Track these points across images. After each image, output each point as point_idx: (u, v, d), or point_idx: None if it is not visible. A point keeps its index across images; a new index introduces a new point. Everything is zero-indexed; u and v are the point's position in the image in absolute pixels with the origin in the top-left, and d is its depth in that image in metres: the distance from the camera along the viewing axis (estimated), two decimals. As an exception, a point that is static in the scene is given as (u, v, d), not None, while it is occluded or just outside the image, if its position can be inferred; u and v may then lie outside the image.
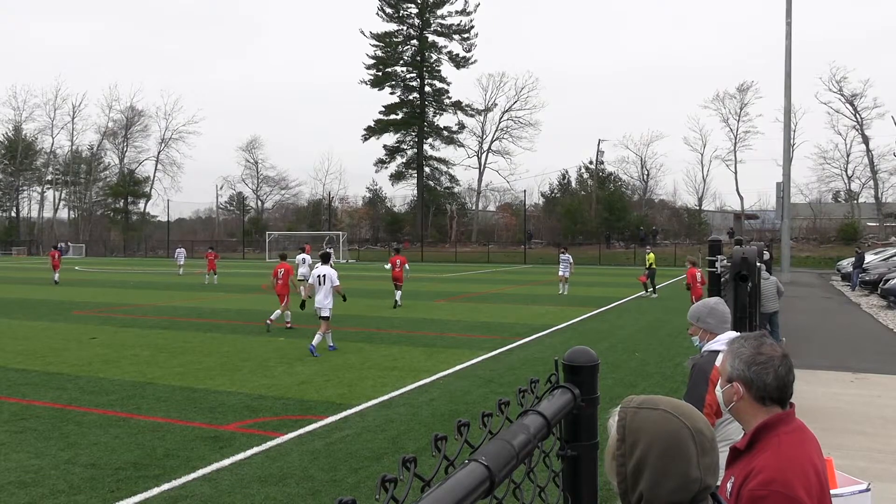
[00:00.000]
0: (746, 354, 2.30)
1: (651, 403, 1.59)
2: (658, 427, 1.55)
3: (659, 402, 1.60)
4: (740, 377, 2.29)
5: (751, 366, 2.27)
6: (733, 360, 2.33)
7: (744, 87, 72.41)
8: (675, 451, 1.52)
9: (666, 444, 1.52)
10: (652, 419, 1.56)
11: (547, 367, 10.49)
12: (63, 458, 6.95)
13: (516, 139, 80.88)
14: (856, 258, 30.56)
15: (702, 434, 1.54)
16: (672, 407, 1.58)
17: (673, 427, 1.54)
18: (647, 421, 1.56)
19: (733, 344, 2.40)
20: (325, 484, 6.28)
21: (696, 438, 1.53)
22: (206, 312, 20.01)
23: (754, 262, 5.53)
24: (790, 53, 34.79)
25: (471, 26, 77.50)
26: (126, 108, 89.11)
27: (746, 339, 2.36)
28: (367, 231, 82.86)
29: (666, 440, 1.52)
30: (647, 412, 1.58)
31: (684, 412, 1.57)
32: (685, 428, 1.53)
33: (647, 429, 1.55)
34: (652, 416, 1.57)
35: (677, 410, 1.57)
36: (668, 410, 1.57)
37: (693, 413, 1.58)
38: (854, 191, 70.68)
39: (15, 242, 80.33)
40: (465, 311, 20.47)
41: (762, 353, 2.28)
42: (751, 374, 2.27)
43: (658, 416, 1.56)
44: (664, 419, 1.55)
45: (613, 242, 66.78)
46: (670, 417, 1.55)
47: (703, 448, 1.53)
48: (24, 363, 12.05)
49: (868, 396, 9.86)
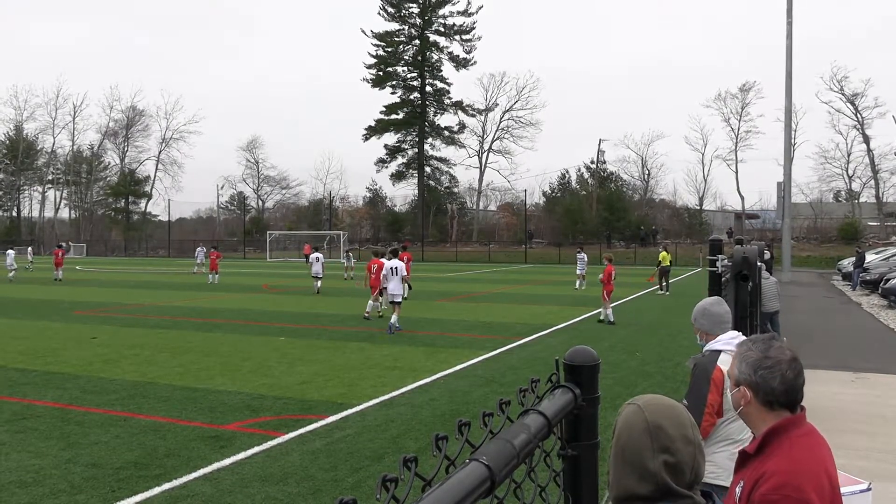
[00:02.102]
0: (753, 358, 2.27)
1: (636, 400, 1.67)
2: (624, 422, 1.63)
3: (643, 399, 1.66)
4: (747, 381, 2.27)
5: (757, 370, 2.24)
6: (740, 364, 2.30)
7: (745, 87, 72.52)
8: (630, 445, 1.59)
9: (624, 437, 1.61)
10: (624, 414, 1.65)
11: (547, 366, 10.48)
12: (64, 458, 6.95)
13: (517, 139, 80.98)
14: (856, 258, 30.54)
15: (661, 430, 1.58)
16: (647, 403, 1.63)
17: (633, 421, 1.61)
18: (621, 416, 1.66)
19: (741, 347, 2.38)
20: (326, 483, 6.28)
21: (654, 433, 1.58)
22: (207, 312, 20.02)
23: (755, 262, 5.52)
24: (791, 53, 34.78)
25: (472, 27, 77.52)
26: (127, 108, 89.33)
27: (755, 343, 2.33)
28: (367, 231, 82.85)
29: (625, 434, 1.61)
30: (627, 408, 1.66)
31: (654, 408, 1.61)
32: (644, 422, 1.60)
33: (619, 423, 1.65)
34: (627, 411, 1.65)
35: (649, 407, 1.62)
36: (640, 406, 1.63)
37: (663, 410, 1.61)
38: (855, 190, 70.75)
39: (16, 242, 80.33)
40: (465, 311, 20.47)
41: (769, 357, 2.25)
42: (757, 379, 2.24)
43: (629, 411, 1.64)
44: (632, 414, 1.63)
45: (614, 242, 66.76)
46: (636, 411, 1.62)
47: (661, 444, 1.56)
48: (24, 363, 12.05)
49: (869, 396, 9.85)
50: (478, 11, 77.83)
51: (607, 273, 18.05)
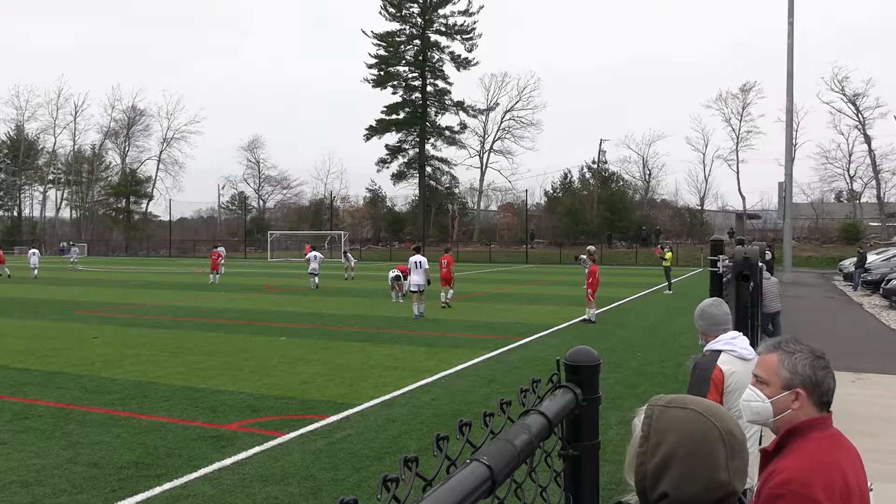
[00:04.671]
0: (807, 358, 2.19)
1: (680, 402, 1.54)
2: (687, 427, 1.49)
3: (688, 401, 1.55)
4: (805, 381, 2.18)
5: (816, 370, 2.18)
6: (794, 366, 2.19)
7: (746, 87, 72.43)
8: (704, 453, 1.46)
9: (694, 444, 1.47)
10: (680, 418, 1.50)
11: (548, 366, 10.48)
12: (65, 458, 6.96)
13: (518, 139, 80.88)
14: (858, 258, 30.49)
15: (732, 436, 1.49)
16: (702, 407, 1.52)
17: (702, 427, 1.48)
18: (675, 420, 1.51)
19: (781, 349, 2.26)
20: (327, 483, 6.28)
21: (727, 440, 1.47)
22: (208, 312, 20.03)
23: (756, 262, 5.52)
24: (792, 53, 34.74)
25: (473, 27, 77.50)
26: (128, 108, 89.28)
27: (796, 343, 2.25)
28: (368, 231, 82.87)
29: (694, 441, 1.47)
30: (675, 411, 1.52)
31: (714, 413, 1.51)
32: (715, 429, 1.48)
33: (675, 428, 1.49)
34: (681, 415, 1.51)
35: (707, 411, 1.51)
36: (697, 410, 1.51)
37: (723, 414, 1.53)
38: (856, 190, 70.64)
39: (17, 242, 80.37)
40: (466, 311, 20.47)
41: (822, 357, 2.20)
42: (817, 379, 2.17)
43: (687, 416, 1.50)
44: (694, 419, 1.49)
45: (615, 242, 66.73)
46: (700, 417, 1.50)
47: (732, 450, 1.47)
48: (26, 362, 12.06)
49: (870, 396, 9.85)
50: (479, 11, 77.76)
51: (592, 272, 18.22)
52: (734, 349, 4.04)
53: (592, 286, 18.05)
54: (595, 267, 18.48)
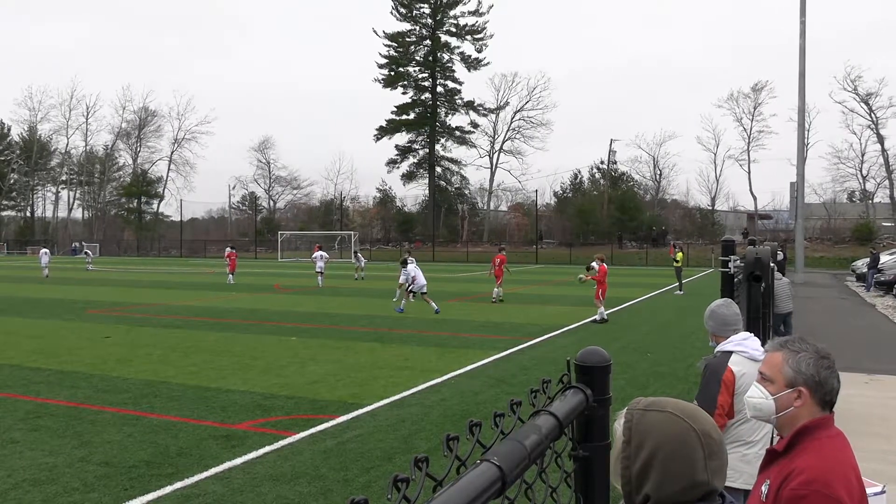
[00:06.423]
0: (812, 358, 2.21)
1: (658, 405, 1.59)
2: (665, 429, 1.54)
3: (666, 404, 1.59)
4: (808, 381, 2.20)
5: (820, 369, 2.20)
6: (798, 364, 2.22)
7: (758, 87, 72.21)
8: (682, 454, 1.51)
9: (672, 446, 1.52)
10: (659, 421, 1.55)
11: (558, 367, 10.46)
12: (77, 457, 7.00)
13: (528, 139, 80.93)
14: (871, 259, 30.28)
15: (709, 437, 1.53)
16: (679, 409, 1.56)
17: (680, 429, 1.53)
18: (653, 423, 1.55)
19: (787, 348, 2.28)
20: (337, 483, 6.29)
21: (704, 441, 1.52)
22: (219, 312, 20.11)
23: (767, 263, 5.49)
24: (804, 52, 34.52)
25: (484, 27, 77.51)
26: (139, 109, 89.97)
27: (802, 342, 2.27)
28: (378, 231, 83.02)
29: (672, 443, 1.52)
30: (654, 414, 1.57)
31: (691, 414, 1.56)
32: (692, 430, 1.52)
33: (654, 431, 1.54)
34: (659, 418, 1.56)
35: (684, 413, 1.56)
36: (674, 413, 1.56)
37: (700, 415, 1.57)
38: (869, 190, 70.25)
39: (30, 242, 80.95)
40: (476, 311, 20.46)
41: (826, 357, 2.21)
42: (820, 378, 2.19)
43: (665, 418, 1.55)
44: (671, 421, 1.54)
45: (626, 242, 66.56)
46: (677, 419, 1.54)
47: (710, 451, 1.52)
48: (38, 362, 12.14)
49: (883, 398, 9.77)
50: (489, 11, 78.00)
51: (602, 273, 18.54)
52: (745, 350, 4.02)
53: (602, 286, 18.26)
54: (604, 267, 18.72)
